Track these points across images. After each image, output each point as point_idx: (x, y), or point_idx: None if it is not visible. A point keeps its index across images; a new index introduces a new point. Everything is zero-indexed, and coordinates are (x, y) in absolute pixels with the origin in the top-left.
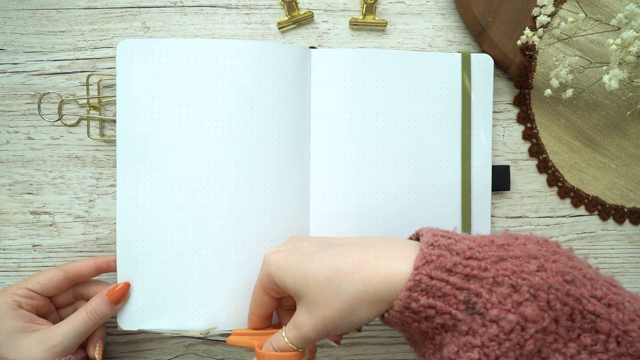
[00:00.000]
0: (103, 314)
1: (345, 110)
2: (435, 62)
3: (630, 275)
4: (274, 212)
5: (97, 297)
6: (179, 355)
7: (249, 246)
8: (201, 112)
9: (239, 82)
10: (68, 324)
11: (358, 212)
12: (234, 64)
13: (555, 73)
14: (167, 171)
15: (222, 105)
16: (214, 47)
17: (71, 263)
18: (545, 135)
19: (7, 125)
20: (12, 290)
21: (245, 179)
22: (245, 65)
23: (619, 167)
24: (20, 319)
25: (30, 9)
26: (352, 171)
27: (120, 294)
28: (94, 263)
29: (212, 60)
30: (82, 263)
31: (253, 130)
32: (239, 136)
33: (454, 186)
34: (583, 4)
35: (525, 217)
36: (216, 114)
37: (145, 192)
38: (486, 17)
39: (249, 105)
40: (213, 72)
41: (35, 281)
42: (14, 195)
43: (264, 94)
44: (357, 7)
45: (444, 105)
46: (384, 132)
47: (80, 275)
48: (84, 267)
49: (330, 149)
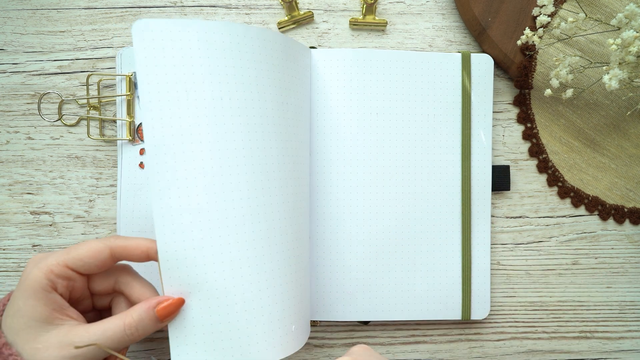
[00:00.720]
0: (145, 330)
1: (345, 110)
2: (435, 62)
3: (630, 275)
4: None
5: (142, 309)
6: None
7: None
8: (245, 106)
9: (269, 75)
10: (99, 330)
11: (357, 212)
12: (267, 51)
13: (556, 73)
14: (208, 174)
15: (262, 98)
16: (248, 33)
17: (119, 239)
18: (545, 135)
19: (7, 125)
20: (49, 265)
21: (290, 179)
22: (274, 57)
23: (619, 167)
24: (49, 305)
25: (30, 9)
26: (352, 171)
27: (171, 309)
28: (146, 248)
29: (247, 47)
30: (133, 243)
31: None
32: (277, 132)
33: (454, 186)
34: (583, 4)
35: (525, 217)
36: (257, 108)
37: (188, 198)
38: (486, 17)
39: (284, 101)
40: (249, 61)
41: (76, 257)
42: (14, 195)
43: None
44: (357, 7)
45: (444, 105)
46: (383, 132)
47: (126, 257)
48: (134, 249)
49: (330, 148)
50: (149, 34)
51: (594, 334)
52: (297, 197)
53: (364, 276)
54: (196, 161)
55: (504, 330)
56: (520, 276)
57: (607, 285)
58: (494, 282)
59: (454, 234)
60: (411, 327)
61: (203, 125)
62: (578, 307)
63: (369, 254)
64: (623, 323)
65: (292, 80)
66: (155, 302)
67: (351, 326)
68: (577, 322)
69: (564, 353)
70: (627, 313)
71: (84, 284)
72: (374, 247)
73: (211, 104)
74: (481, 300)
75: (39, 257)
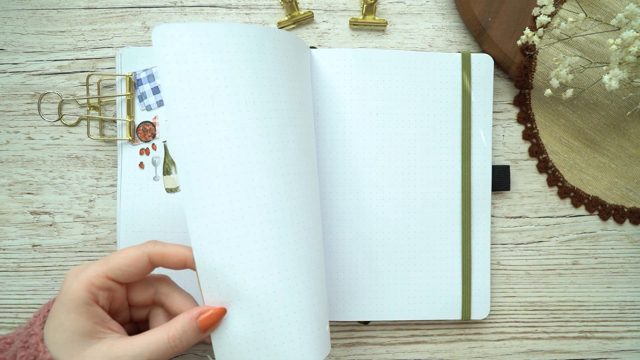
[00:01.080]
0: (188, 341)
1: (345, 110)
2: (435, 62)
3: (630, 275)
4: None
5: (185, 320)
6: (179, 355)
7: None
8: (268, 109)
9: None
10: (143, 343)
11: (357, 211)
12: (283, 52)
13: (556, 73)
14: (238, 179)
15: (284, 100)
16: (266, 34)
17: (157, 245)
18: (545, 135)
19: (7, 125)
20: (89, 278)
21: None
22: (289, 56)
23: (619, 167)
24: (92, 318)
25: (30, 9)
26: (352, 171)
27: (214, 319)
28: (184, 257)
29: (266, 48)
30: (172, 250)
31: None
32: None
33: (454, 186)
34: (583, 4)
35: (525, 217)
36: (279, 110)
37: (222, 205)
38: (486, 17)
39: (301, 102)
40: (270, 63)
41: (115, 266)
42: (14, 195)
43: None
44: (357, 7)
45: (444, 105)
46: (383, 132)
47: (164, 264)
48: (172, 256)
49: (330, 148)
50: (170, 40)
51: (594, 334)
52: (315, 198)
53: (363, 276)
54: (226, 167)
55: (504, 330)
56: (520, 276)
57: (607, 285)
58: (494, 282)
59: (454, 234)
60: (411, 327)
61: (231, 130)
62: (578, 307)
63: (369, 254)
64: (623, 323)
65: (305, 79)
66: (197, 312)
67: (351, 326)
68: (577, 322)
69: (564, 353)
70: (627, 313)
71: (123, 295)
72: (373, 247)
73: (237, 107)
74: (481, 300)
75: (78, 270)
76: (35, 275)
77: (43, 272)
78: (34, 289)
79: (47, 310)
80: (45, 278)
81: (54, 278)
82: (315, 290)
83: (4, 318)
